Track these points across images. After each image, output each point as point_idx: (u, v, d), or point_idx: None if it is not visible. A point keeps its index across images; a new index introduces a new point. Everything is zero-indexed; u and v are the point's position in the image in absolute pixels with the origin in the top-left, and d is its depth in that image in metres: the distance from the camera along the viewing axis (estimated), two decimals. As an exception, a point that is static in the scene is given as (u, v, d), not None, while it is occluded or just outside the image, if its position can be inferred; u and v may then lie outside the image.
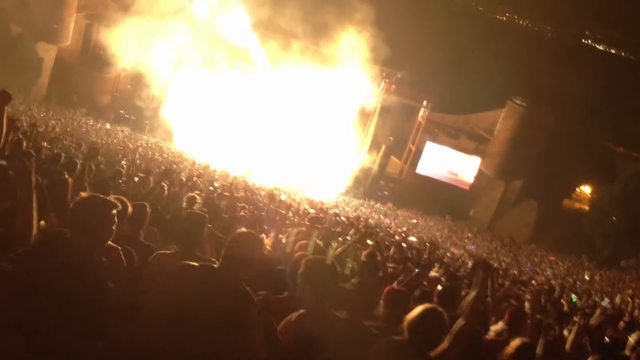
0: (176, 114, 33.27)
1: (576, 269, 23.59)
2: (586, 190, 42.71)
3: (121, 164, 12.58)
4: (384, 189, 38.53)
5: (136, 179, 9.26)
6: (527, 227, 35.27)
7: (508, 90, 37.44)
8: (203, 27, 32.57)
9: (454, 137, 38.21)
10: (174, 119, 33.37)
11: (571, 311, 8.73)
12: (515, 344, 3.68)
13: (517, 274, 16.93)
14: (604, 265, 27.28)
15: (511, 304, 6.79)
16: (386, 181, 38.91)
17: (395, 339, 3.13)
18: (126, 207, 3.71)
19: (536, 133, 34.66)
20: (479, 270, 3.37)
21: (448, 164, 38.45)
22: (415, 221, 29.76)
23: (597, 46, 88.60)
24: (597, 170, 38.80)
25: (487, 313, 5.32)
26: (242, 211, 8.26)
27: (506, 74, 41.86)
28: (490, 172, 36.99)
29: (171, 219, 5.79)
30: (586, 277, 20.35)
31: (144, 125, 34.86)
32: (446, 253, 17.39)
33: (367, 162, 38.30)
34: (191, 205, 6.47)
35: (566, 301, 10.41)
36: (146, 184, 8.89)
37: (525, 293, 9.80)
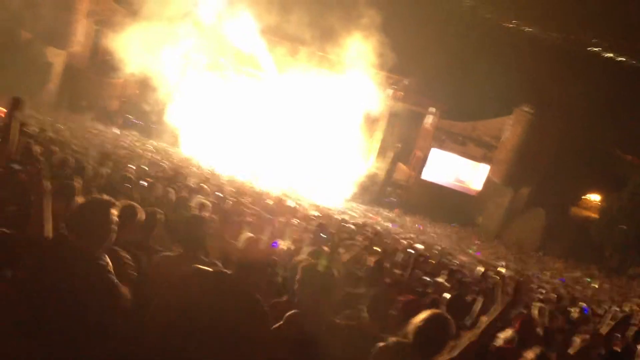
0: (183, 119, 33.41)
1: (584, 277, 23.44)
2: (595, 198, 42.48)
3: (128, 168, 12.59)
4: (391, 195, 38.48)
5: (145, 183, 9.26)
6: (534, 234, 35.09)
7: (516, 98, 37.38)
8: (210, 33, 32.68)
9: (461, 144, 38.15)
10: (181, 124, 33.51)
11: (581, 320, 8.66)
12: (532, 354, 3.64)
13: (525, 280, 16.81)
14: (612, 273, 27.12)
15: (520, 311, 6.74)
16: (393, 188, 38.85)
17: (400, 341, 3.12)
18: (136, 212, 3.72)
19: (544, 140, 34.58)
20: (510, 290, 3.29)
21: (455, 170, 38.39)
22: (420, 227, 29.67)
23: (605, 53, 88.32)
24: (605, 178, 38.60)
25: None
26: (249, 217, 8.27)
27: (514, 81, 41.74)
28: (498, 180, 36.88)
29: (174, 222, 5.78)
30: (595, 286, 20.22)
31: (151, 130, 34.98)
32: (453, 260, 17.30)
33: (374, 168, 38.27)
34: (201, 211, 6.46)
35: (575, 310, 10.33)
36: (154, 189, 8.90)
37: (534, 301, 9.73)
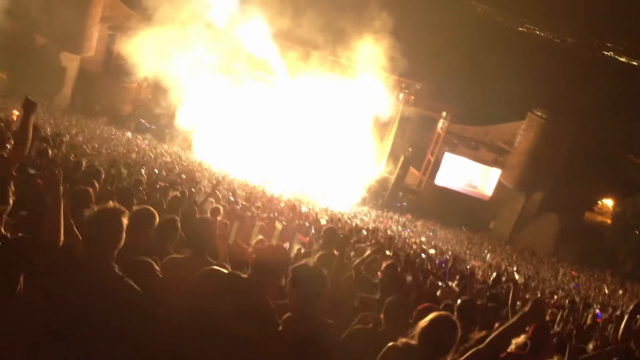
0: (196, 124, 33.58)
1: (598, 282, 23.25)
2: (608, 203, 42.16)
3: (141, 172, 12.68)
4: (403, 200, 38.38)
5: (157, 186, 9.35)
6: (548, 240, 34.82)
7: (528, 102, 37.19)
8: (223, 38, 32.85)
9: (473, 149, 37.96)
10: (193, 128, 33.68)
11: (595, 326, 8.59)
12: None
13: (538, 286, 16.75)
14: (626, 279, 26.87)
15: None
16: (405, 192, 38.74)
17: (406, 342, 3.09)
18: (154, 217, 3.76)
19: (557, 145, 34.32)
20: (527, 310, 3.23)
21: (467, 175, 38.20)
22: (431, 234, 29.54)
23: (618, 58, 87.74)
24: (619, 183, 38.34)
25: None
26: (260, 220, 8.31)
27: (526, 86, 41.66)
28: (510, 184, 36.66)
29: (183, 225, 5.80)
30: (605, 291, 20.04)
31: (164, 134, 35.18)
32: (466, 265, 17.24)
33: (385, 173, 38.21)
34: (215, 217, 6.50)
35: (588, 316, 10.25)
36: (167, 193, 8.96)
37: (548, 307, 9.68)
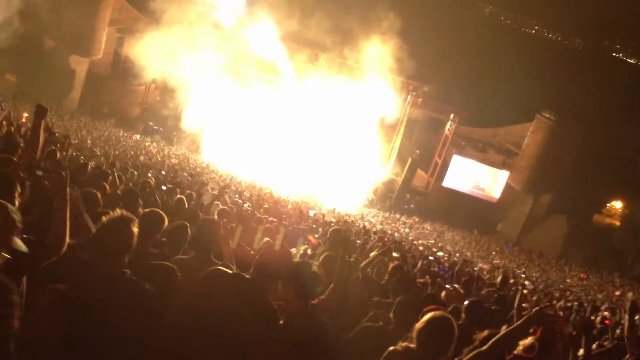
0: (203, 126, 33.68)
1: (607, 285, 23.09)
2: (617, 205, 41.91)
3: (149, 175, 12.73)
4: (410, 202, 38.32)
5: (164, 187, 9.38)
6: (556, 242, 34.65)
7: (537, 104, 37.06)
8: (231, 40, 32.95)
9: (481, 151, 37.86)
10: (201, 130, 33.79)
11: (604, 329, 8.54)
12: None
13: (546, 288, 16.66)
14: (635, 281, 26.68)
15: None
16: (412, 194, 38.69)
17: (406, 346, 3.08)
18: (163, 220, 3.77)
19: (565, 147, 34.18)
20: (531, 317, 3.21)
21: (475, 177, 38.08)
22: (433, 241, 29.36)
23: (627, 59, 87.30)
24: (627, 186, 38.11)
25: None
26: (267, 222, 8.31)
27: (535, 87, 41.51)
28: (519, 186, 36.52)
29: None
30: (616, 293, 19.90)
31: (172, 136, 35.31)
32: (474, 267, 17.17)
33: (392, 175, 38.17)
34: (222, 218, 6.49)
35: (597, 319, 10.19)
36: (174, 194, 8.99)
37: (556, 310, 9.63)
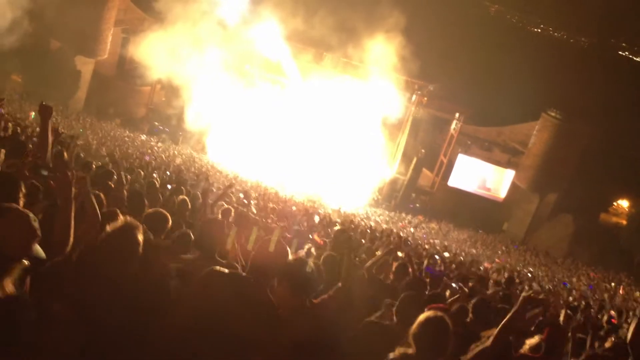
0: (209, 126, 33.75)
1: (613, 284, 23.00)
2: (623, 204, 41.76)
3: (153, 175, 12.74)
4: (415, 201, 38.27)
5: (169, 186, 9.41)
6: (562, 241, 34.55)
7: (542, 102, 36.93)
8: (236, 40, 33.00)
9: (486, 150, 37.74)
10: (206, 130, 33.86)
11: (611, 328, 8.51)
12: None
13: (552, 287, 16.61)
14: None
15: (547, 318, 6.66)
16: (417, 194, 38.63)
17: (404, 352, 3.05)
18: (167, 220, 3.78)
19: (571, 146, 34.05)
20: (521, 303, 3.24)
21: (481, 176, 37.97)
22: (438, 241, 29.32)
23: (633, 57, 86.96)
24: (634, 184, 37.96)
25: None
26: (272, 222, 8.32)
27: (540, 86, 41.43)
28: (524, 185, 36.41)
29: (192, 226, 5.83)
30: (621, 292, 19.84)
31: (178, 136, 35.39)
32: (479, 267, 17.14)
33: (398, 174, 38.14)
34: (226, 218, 6.51)
35: (604, 317, 10.16)
36: (179, 194, 8.99)
37: (562, 308, 9.59)
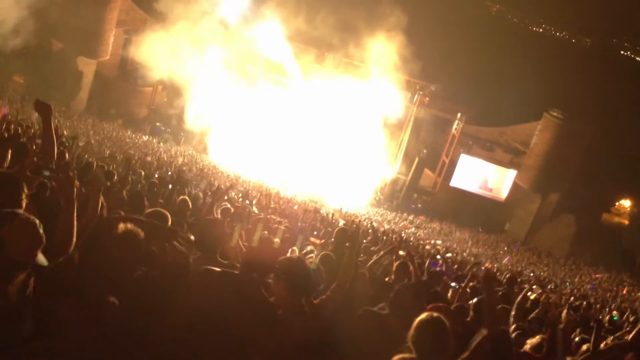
0: (210, 126, 33.78)
1: (615, 284, 22.99)
2: (626, 204, 41.71)
3: (155, 175, 12.77)
4: (417, 201, 38.25)
5: (170, 187, 9.43)
6: (564, 241, 34.51)
7: (544, 102, 36.92)
8: (237, 41, 33.03)
9: (488, 150, 37.70)
10: (208, 131, 33.89)
11: (614, 328, 8.51)
12: None
13: (554, 287, 16.62)
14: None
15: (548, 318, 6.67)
16: (419, 194, 38.60)
17: (404, 357, 2.99)
18: (166, 219, 3.79)
19: (573, 146, 34.01)
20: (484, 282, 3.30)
21: (482, 177, 37.91)
22: (440, 242, 29.30)
23: (636, 57, 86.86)
24: (636, 184, 37.93)
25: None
26: (273, 223, 8.33)
27: (542, 86, 41.41)
28: (526, 185, 36.37)
29: (193, 226, 5.84)
30: (623, 292, 19.82)
31: (180, 137, 35.43)
32: (481, 267, 17.14)
33: (399, 174, 38.13)
34: (225, 217, 6.52)
35: (606, 317, 10.15)
36: (180, 194, 9.01)
37: (563, 308, 9.60)
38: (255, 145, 32.69)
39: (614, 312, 11.69)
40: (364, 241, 10.23)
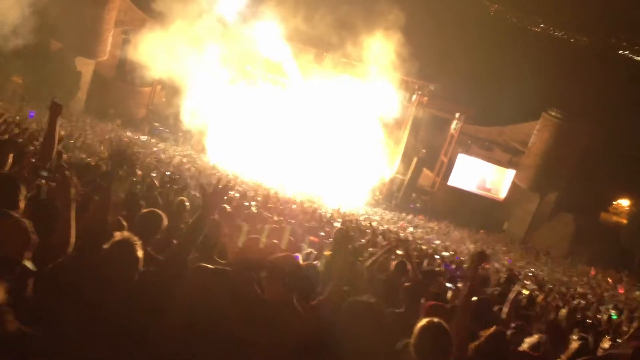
0: (209, 126, 33.75)
1: (614, 283, 23.02)
2: (624, 203, 41.75)
3: (153, 175, 12.76)
4: (416, 201, 38.25)
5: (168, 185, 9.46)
6: (563, 240, 34.55)
7: (543, 102, 36.90)
8: (236, 41, 33.01)
9: (487, 149, 37.72)
10: (207, 131, 33.86)
11: (611, 327, 8.52)
12: None
13: (552, 286, 16.61)
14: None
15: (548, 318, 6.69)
16: (418, 193, 38.61)
17: None
18: (161, 220, 3.80)
19: (572, 145, 34.03)
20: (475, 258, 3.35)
21: (481, 176, 37.94)
22: (439, 241, 29.25)
23: (634, 57, 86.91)
24: (635, 183, 37.94)
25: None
26: (271, 222, 8.34)
27: (541, 86, 41.41)
28: (525, 185, 36.39)
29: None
30: (620, 291, 19.85)
31: (178, 137, 35.41)
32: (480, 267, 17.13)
33: (398, 174, 38.14)
34: (224, 217, 6.52)
35: (603, 316, 10.16)
36: (179, 194, 9.02)
37: (562, 307, 9.61)
38: (254, 145, 32.67)
39: (612, 311, 11.71)
40: (362, 240, 10.25)
